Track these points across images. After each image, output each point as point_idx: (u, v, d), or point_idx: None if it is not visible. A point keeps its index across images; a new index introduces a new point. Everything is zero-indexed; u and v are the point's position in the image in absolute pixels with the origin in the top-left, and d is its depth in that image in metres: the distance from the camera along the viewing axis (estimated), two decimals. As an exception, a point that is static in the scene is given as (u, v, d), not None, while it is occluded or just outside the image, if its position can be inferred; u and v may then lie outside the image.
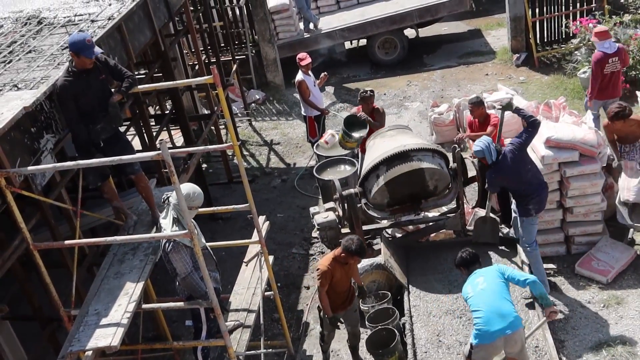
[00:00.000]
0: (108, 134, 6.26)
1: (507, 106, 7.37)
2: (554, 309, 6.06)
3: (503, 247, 8.11)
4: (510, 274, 6.01)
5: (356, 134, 9.09)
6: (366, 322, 7.22)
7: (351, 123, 9.15)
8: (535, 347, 6.79)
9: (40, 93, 5.86)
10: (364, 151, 9.01)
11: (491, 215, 8.03)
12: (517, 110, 7.27)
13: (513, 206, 7.61)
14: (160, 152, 4.92)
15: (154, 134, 8.83)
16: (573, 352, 6.89)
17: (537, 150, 7.94)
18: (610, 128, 8.08)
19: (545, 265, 7.72)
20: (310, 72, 10.85)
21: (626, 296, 7.45)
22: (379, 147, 7.90)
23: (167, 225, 5.72)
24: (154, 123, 10.03)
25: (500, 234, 8.17)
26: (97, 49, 6.11)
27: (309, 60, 10.85)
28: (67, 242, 5.77)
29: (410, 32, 15.64)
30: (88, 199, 7.45)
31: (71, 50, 5.93)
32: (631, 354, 6.74)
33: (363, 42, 15.78)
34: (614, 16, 12.19)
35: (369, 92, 9.41)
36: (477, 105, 8.87)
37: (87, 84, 6.00)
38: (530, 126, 7.19)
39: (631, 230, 8.03)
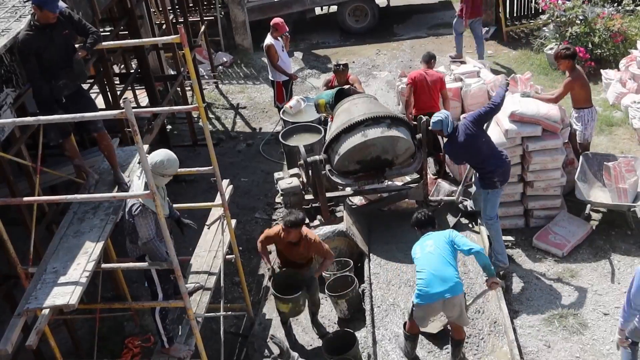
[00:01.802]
0: (70, 91, 6.13)
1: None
2: (495, 279, 6.19)
3: (463, 220, 8.24)
4: (458, 241, 6.10)
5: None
6: (325, 290, 7.29)
7: (339, 96, 9.04)
8: (494, 323, 6.94)
9: (1, 46, 5.70)
10: (332, 119, 9.00)
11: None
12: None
13: (475, 179, 7.70)
14: (123, 110, 4.84)
15: (118, 92, 8.68)
16: (527, 323, 7.07)
17: (501, 124, 8.03)
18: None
19: (503, 237, 7.85)
20: (279, 37, 10.75)
21: (580, 270, 7.64)
22: (345, 115, 7.89)
23: (138, 187, 5.63)
24: (118, 82, 9.86)
25: (460, 207, 8.28)
26: (62, 4, 5.93)
27: (286, 28, 10.79)
28: (25, 198, 5.68)
29: (381, 1, 15.55)
30: (48, 156, 7.32)
31: (34, 4, 5.74)
32: (582, 325, 6.93)
33: (334, 8, 15.65)
34: (583, -7, 12.30)
35: (341, 66, 9.37)
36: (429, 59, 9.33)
37: (49, 39, 5.84)
38: (493, 102, 7.27)
39: (588, 205, 8.20)
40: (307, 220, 8.04)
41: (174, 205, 6.49)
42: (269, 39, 10.66)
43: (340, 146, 7.69)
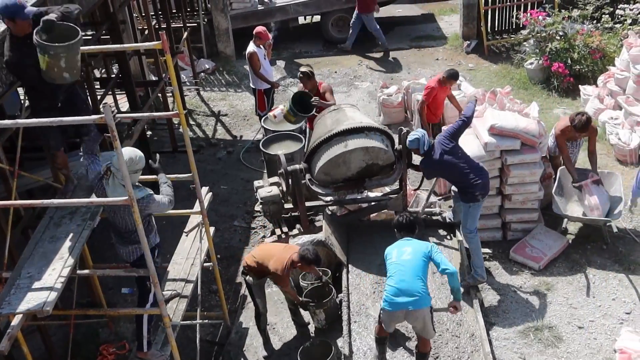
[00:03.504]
0: (66, 93, 6.01)
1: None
2: (457, 304, 6.25)
3: (442, 232, 8.28)
4: (436, 257, 6.14)
5: (300, 116, 9.07)
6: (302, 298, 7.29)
7: (301, 101, 9.07)
8: (472, 335, 6.97)
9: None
10: (312, 128, 9.01)
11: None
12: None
13: (455, 193, 7.74)
14: (103, 115, 4.81)
15: (99, 97, 8.64)
16: (502, 335, 7.10)
17: (480, 137, 8.09)
18: (568, 134, 8.25)
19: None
20: (261, 45, 10.76)
21: (556, 283, 7.70)
22: (325, 125, 7.91)
23: (113, 190, 5.62)
24: (99, 86, 9.81)
25: (439, 218, 8.33)
26: (30, 8, 5.63)
27: (270, 36, 10.82)
28: (1, 202, 5.60)
29: (364, 12, 15.62)
30: (26, 159, 7.24)
31: (5, 17, 5.49)
32: (557, 339, 6.98)
33: (317, 18, 15.70)
34: (563, 10, 12.45)
35: (300, 73, 9.28)
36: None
37: (35, 49, 5.58)
38: (465, 116, 7.39)
39: (565, 219, 8.28)
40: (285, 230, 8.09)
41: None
42: (251, 47, 10.66)
43: (320, 156, 7.69)
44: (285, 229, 8.11)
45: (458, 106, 9.70)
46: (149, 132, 11.62)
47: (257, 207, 9.19)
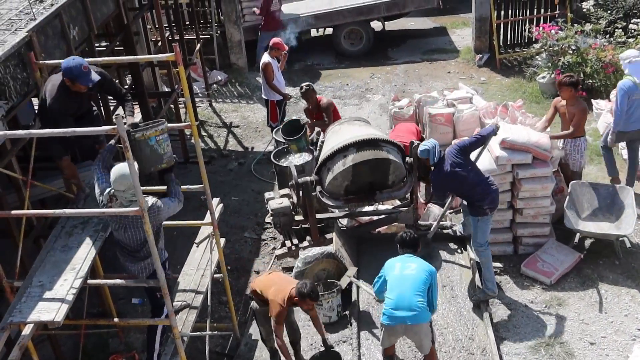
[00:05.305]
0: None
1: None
2: None
3: (453, 245, 8.26)
4: (433, 285, 6.23)
5: (296, 139, 9.33)
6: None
7: (292, 127, 9.37)
8: (483, 350, 6.93)
9: (-4, 59, 5.71)
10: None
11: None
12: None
13: (464, 206, 7.72)
14: (116, 127, 4.84)
15: (112, 108, 8.70)
16: (513, 350, 7.05)
17: (492, 151, 8.07)
18: (556, 102, 8.59)
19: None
20: (276, 57, 10.82)
21: (567, 298, 7.65)
22: (337, 137, 7.92)
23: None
24: (111, 97, 9.86)
25: (450, 232, 8.31)
26: (95, 75, 5.94)
27: (286, 47, 10.88)
28: (14, 212, 5.65)
29: (376, 25, 15.69)
30: (39, 169, 7.30)
31: (66, 77, 5.80)
32: (568, 355, 6.92)
33: (329, 31, 15.77)
34: (575, 24, 12.43)
35: (303, 87, 9.44)
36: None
37: (79, 103, 6.04)
38: (480, 134, 7.41)
39: (577, 234, 8.23)
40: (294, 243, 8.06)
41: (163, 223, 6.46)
42: (266, 57, 10.71)
43: (331, 168, 7.70)
44: (295, 241, 8.12)
45: None
46: (161, 143, 11.66)
47: (268, 219, 9.20)
